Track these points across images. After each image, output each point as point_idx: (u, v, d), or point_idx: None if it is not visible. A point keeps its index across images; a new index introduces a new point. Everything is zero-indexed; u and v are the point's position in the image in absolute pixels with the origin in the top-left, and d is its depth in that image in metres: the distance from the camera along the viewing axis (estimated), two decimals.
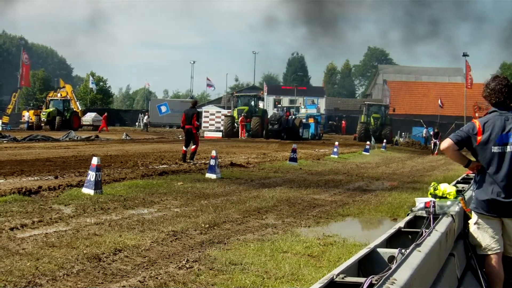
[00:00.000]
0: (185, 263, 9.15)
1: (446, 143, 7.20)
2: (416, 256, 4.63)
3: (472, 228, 7.33)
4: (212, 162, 20.91)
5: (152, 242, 10.48)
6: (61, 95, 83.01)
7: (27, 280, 7.85)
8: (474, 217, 7.31)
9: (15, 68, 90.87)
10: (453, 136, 7.21)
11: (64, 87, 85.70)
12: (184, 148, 25.50)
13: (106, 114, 69.15)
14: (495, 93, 7.23)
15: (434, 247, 5.20)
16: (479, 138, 7.05)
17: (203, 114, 76.71)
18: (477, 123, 7.14)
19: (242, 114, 57.62)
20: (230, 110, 68.36)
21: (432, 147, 51.60)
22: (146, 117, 79.12)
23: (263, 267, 9.07)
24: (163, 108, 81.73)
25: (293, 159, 28.46)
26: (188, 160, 24.84)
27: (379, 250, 5.04)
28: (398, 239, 5.76)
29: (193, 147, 25.62)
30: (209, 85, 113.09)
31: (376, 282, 3.74)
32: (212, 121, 70.04)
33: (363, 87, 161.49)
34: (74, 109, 79.61)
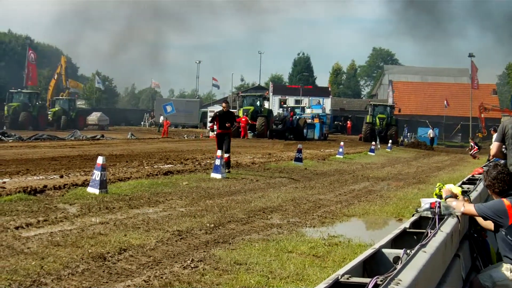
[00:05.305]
0: (190, 263, 9.16)
1: (472, 208, 7.11)
2: (421, 257, 4.61)
3: None
4: (217, 162, 20.88)
5: (157, 241, 10.49)
6: (56, 76, 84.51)
7: (32, 279, 7.86)
8: None
9: (21, 68, 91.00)
10: (480, 210, 7.09)
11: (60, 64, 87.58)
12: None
13: (169, 121, 68.49)
14: (498, 182, 7.27)
15: (439, 248, 5.18)
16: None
17: (209, 114, 76.61)
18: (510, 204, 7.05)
19: (244, 114, 57.40)
20: (235, 110, 68.33)
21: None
22: (161, 117, 79.19)
23: (268, 267, 9.08)
24: (169, 108, 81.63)
25: (299, 159, 28.42)
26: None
27: (384, 250, 5.03)
28: (403, 240, 5.75)
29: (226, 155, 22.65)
30: (214, 85, 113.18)
31: (381, 283, 3.73)
32: None
33: (369, 87, 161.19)
34: (64, 84, 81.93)
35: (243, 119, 55.48)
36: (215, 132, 23.45)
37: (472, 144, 51.60)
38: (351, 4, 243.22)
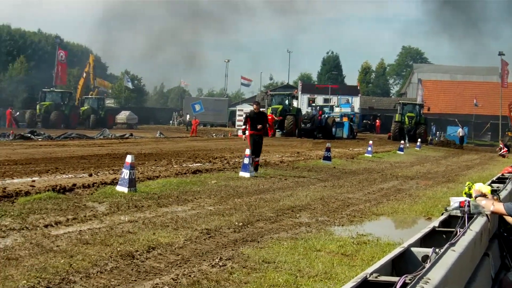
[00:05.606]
0: (218, 261, 9.16)
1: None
2: (451, 256, 4.56)
3: None
4: (246, 160, 20.86)
5: (185, 240, 10.50)
6: (85, 74, 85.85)
7: (61, 277, 7.90)
8: None
9: (50, 67, 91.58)
10: (510, 209, 6.98)
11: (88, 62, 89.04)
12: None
13: (198, 120, 69.44)
14: None
15: (468, 247, 5.13)
16: None
17: (237, 112, 76.73)
18: None
19: (271, 113, 57.23)
20: (264, 109, 68.31)
21: None
22: (188, 115, 79.91)
23: (296, 266, 9.05)
24: (197, 107, 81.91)
25: (327, 158, 28.35)
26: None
27: (413, 249, 4.98)
28: (433, 239, 5.69)
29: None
30: (244, 85, 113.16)
31: (409, 281, 3.70)
32: None
33: (398, 86, 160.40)
34: (91, 82, 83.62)
35: (269, 117, 55.35)
36: (247, 134, 22.55)
37: (502, 146, 51.31)
38: (383, 4, 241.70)
